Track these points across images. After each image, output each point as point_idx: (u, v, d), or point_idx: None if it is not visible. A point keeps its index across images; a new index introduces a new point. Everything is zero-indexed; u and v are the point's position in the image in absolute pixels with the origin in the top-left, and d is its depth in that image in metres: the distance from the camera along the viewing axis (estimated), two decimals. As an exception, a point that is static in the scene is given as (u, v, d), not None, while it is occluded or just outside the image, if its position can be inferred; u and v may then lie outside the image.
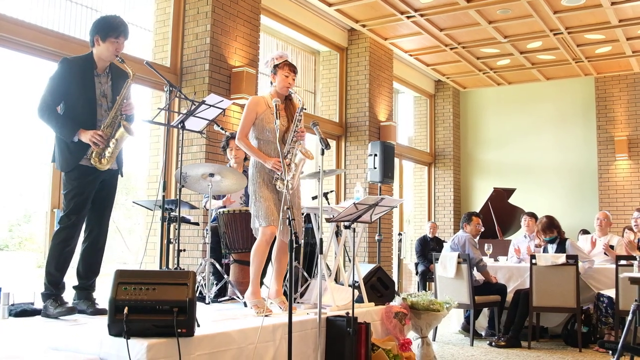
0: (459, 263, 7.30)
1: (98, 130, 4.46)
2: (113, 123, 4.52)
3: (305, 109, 5.10)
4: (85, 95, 4.50)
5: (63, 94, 4.46)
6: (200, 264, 5.70)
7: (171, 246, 5.60)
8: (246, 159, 6.34)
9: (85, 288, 4.62)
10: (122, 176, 4.82)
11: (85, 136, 4.41)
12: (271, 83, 5.10)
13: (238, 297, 5.50)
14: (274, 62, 5.06)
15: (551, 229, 7.51)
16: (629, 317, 5.05)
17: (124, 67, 4.58)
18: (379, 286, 5.99)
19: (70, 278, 4.65)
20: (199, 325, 3.74)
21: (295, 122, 5.02)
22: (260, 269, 4.93)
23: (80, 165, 4.48)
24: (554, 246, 7.50)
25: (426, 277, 10.45)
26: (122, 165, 4.76)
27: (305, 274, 5.78)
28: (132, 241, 8.79)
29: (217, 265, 5.68)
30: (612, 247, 7.77)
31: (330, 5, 10.03)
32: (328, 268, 5.59)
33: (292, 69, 5.07)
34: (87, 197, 4.53)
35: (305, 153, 4.93)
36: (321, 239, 4.88)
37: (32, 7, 6.68)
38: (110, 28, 4.54)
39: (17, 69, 6.84)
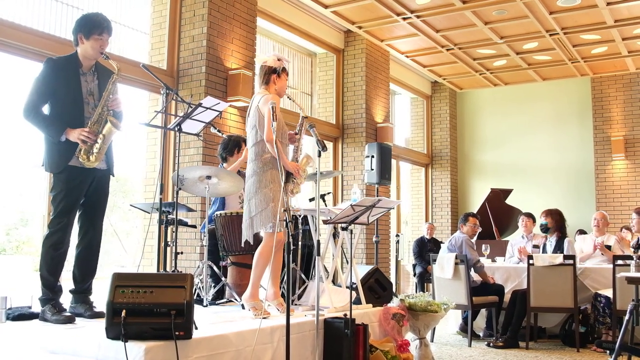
0: (456, 264, 7.30)
1: (85, 127, 4.41)
2: (100, 119, 4.46)
3: (306, 117, 5.08)
4: (71, 94, 4.46)
5: (49, 94, 4.42)
6: (198, 267, 5.70)
7: (169, 249, 5.60)
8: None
9: (82, 291, 4.59)
10: (113, 176, 4.76)
11: (73, 135, 4.37)
12: (266, 83, 4.98)
13: (236, 300, 5.50)
14: (282, 64, 5.00)
15: (547, 216, 7.57)
16: (627, 317, 5.06)
17: (109, 63, 4.54)
18: (377, 287, 5.99)
19: (67, 281, 4.63)
20: (196, 328, 3.73)
21: (301, 130, 5.05)
22: (262, 274, 4.89)
23: (69, 166, 4.43)
24: (552, 243, 7.54)
25: (424, 278, 10.46)
26: (112, 165, 4.70)
27: (302, 276, 5.78)
28: (129, 244, 8.79)
29: (215, 268, 5.67)
30: (609, 247, 7.78)
31: (326, 7, 10.04)
32: (326, 270, 5.59)
33: None
34: (76, 199, 4.48)
35: (308, 158, 4.97)
36: (318, 241, 4.87)
37: (29, 9, 6.67)
38: (93, 25, 4.51)
39: (12, 72, 6.84)
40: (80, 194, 4.51)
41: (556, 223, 7.59)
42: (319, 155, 4.71)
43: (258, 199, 4.73)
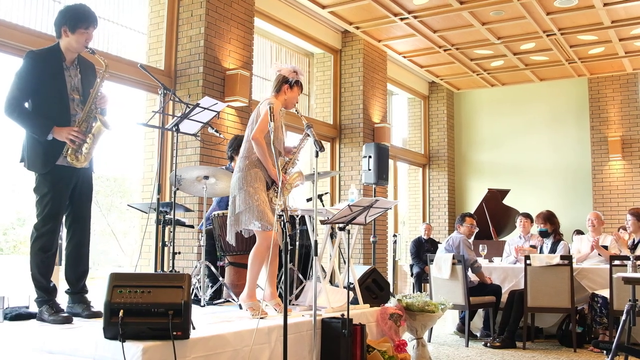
0: (453, 264, 7.31)
1: (73, 126, 4.29)
2: (88, 117, 4.34)
3: (309, 129, 4.90)
4: (56, 89, 4.31)
5: (33, 90, 4.25)
6: (195, 267, 5.70)
7: (166, 249, 5.60)
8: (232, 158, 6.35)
9: (78, 292, 4.55)
10: (93, 172, 4.63)
11: (61, 134, 4.23)
12: (277, 91, 5.00)
13: (233, 300, 5.50)
14: (298, 78, 5.02)
15: (545, 221, 7.63)
16: (623, 317, 5.07)
17: (97, 59, 4.40)
18: (374, 288, 5.99)
19: (62, 281, 4.61)
20: (194, 328, 3.73)
21: (301, 145, 5.08)
22: (258, 273, 4.90)
23: (56, 166, 4.30)
24: (548, 245, 7.61)
25: (421, 279, 10.46)
26: (92, 163, 4.56)
27: (300, 276, 5.78)
28: (126, 244, 8.78)
29: (212, 268, 5.67)
30: (605, 247, 7.80)
31: (323, 7, 10.05)
32: (323, 270, 5.60)
33: None
34: (63, 200, 4.37)
35: (300, 175, 5.01)
36: (316, 241, 4.87)
37: (19, 5, 6.67)
38: (79, 18, 4.34)
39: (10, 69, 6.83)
40: (67, 195, 4.40)
41: (553, 225, 7.64)
42: (317, 156, 4.72)
43: (242, 197, 4.76)
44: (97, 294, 4.49)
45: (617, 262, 6.66)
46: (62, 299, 4.56)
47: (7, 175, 7.03)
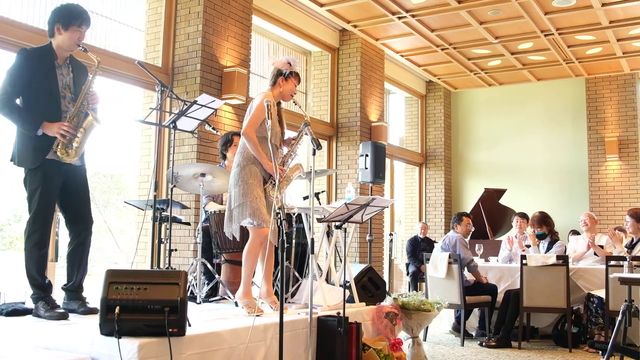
0: (449, 263, 7.32)
1: (64, 121, 4.30)
2: (80, 113, 4.37)
3: (308, 125, 4.93)
4: (47, 86, 4.33)
5: (24, 86, 4.28)
6: (192, 264, 5.70)
7: (162, 246, 5.60)
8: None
9: (75, 289, 4.55)
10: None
11: (51, 129, 4.25)
12: (272, 84, 5.02)
13: (229, 297, 5.50)
14: (292, 69, 5.02)
15: (540, 224, 7.65)
16: (619, 318, 5.08)
17: (89, 56, 4.42)
18: (370, 286, 6.00)
19: (60, 277, 4.59)
20: (190, 325, 3.73)
21: (300, 136, 5.07)
22: (252, 270, 4.91)
23: (46, 160, 4.31)
24: (545, 245, 7.63)
25: (417, 278, 10.47)
26: (84, 161, 4.58)
27: (296, 274, 5.79)
28: (123, 241, 8.77)
29: (209, 265, 5.67)
30: (601, 247, 7.81)
31: (321, 5, 10.04)
32: (319, 268, 5.60)
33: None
34: (53, 194, 4.37)
35: (298, 167, 5.00)
36: (312, 239, 4.88)
37: (24, 6, 6.66)
38: (72, 16, 4.38)
39: None
40: (57, 188, 4.40)
41: (548, 227, 7.67)
42: (314, 154, 4.71)
43: (236, 192, 4.78)
44: (93, 290, 4.49)
45: (613, 262, 6.68)
46: (58, 295, 4.56)
47: (6, 174, 7.01)
